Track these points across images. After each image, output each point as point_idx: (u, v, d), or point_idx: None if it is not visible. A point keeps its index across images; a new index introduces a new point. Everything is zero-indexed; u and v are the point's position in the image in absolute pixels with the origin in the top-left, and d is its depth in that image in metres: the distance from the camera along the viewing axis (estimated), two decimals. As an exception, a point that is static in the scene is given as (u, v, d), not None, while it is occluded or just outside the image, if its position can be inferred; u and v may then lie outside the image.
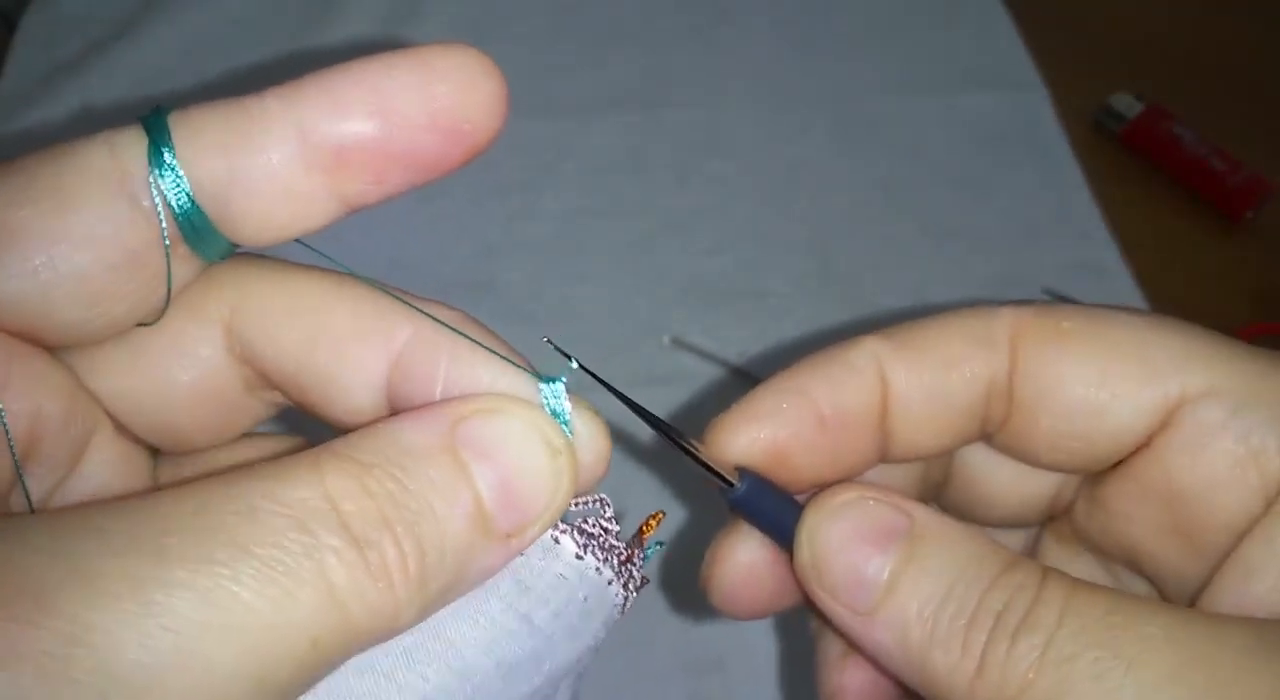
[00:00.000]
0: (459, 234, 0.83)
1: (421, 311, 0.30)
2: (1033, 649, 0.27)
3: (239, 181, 0.27)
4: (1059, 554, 0.37)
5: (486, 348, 0.29)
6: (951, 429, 0.34)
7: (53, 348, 0.29)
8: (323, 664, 0.24)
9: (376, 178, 0.28)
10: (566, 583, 0.30)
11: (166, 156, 0.26)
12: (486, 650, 0.28)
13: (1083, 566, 0.36)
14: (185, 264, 0.28)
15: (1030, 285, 0.81)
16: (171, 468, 0.34)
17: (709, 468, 0.32)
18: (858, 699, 0.37)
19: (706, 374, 0.75)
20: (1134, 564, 0.34)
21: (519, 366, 0.29)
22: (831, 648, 0.37)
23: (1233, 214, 0.86)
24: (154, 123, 0.26)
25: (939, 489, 0.39)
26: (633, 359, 0.76)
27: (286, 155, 0.27)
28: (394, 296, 0.30)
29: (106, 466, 0.31)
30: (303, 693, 0.24)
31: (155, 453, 0.34)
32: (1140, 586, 0.35)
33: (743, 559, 0.35)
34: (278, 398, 0.33)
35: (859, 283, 0.82)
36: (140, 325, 0.29)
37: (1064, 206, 0.86)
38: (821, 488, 0.32)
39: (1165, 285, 0.81)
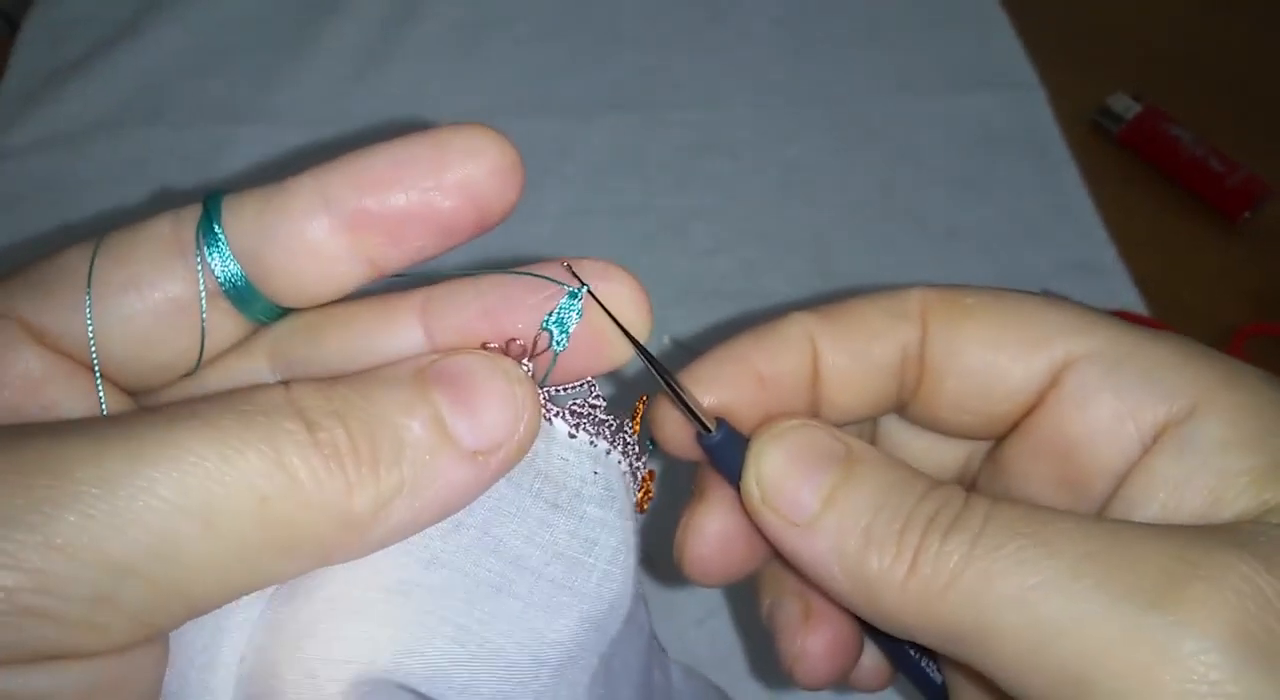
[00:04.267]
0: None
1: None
2: (962, 543, 0.29)
3: (276, 249, 0.31)
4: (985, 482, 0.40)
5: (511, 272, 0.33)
6: (873, 393, 0.38)
7: (126, 390, 0.33)
8: (279, 525, 0.26)
9: (397, 242, 0.31)
10: (570, 463, 0.33)
11: (215, 227, 0.31)
12: (528, 539, 0.31)
13: None
14: (229, 320, 0.32)
15: (1028, 284, 0.81)
16: None
17: (692, 412, 0.35)
18: (821, 660, 0.39)
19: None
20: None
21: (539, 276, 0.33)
22: (791, 614, 0.40)
23: (1230, 214, 0.86)
24: (211, 200, 0.31)
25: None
26: (632, 358, 0.77)
27: (313, 224, 0.31)
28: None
29: None
30: (282, 558, 0.27)
31: None
32: None
33: (712, 525, 0.38)
34: None
35: (858, 282, 0.82)
36: (185, 377, 0.33)
37: (1062, 207, 0.87)
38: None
39: (1163, 285, 0.82)
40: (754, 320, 0.81)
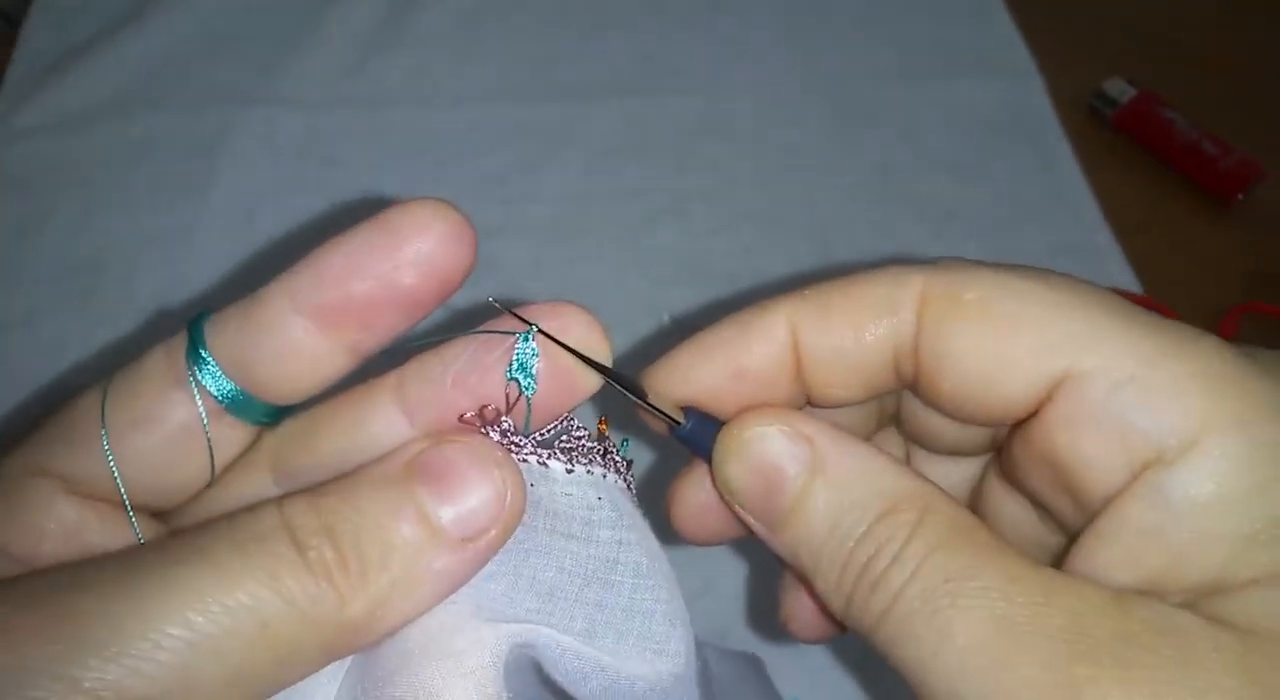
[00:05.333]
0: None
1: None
2: (884, 600, 0.31)
3: (259, 358, 0.33)
4: (996, 488, 0.40)
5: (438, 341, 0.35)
6: (865, 384, 0.36)
7: (155, 513, 0.35)
8: (281, 643, 0.28)
9: (367, 326, 0.33)
10: (574, 497, 0.34)
11: (202, 351, 0.33)
12: (559, 569, 0.33)
13: (1015, 501, 0.39)
14: (235, 429, 0.35)
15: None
16: None
17: (657, 409, 0.36)
18: (811, 620, 0.41)
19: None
20: (1041, 508, 0.37)
21: (492, 332, 0.34)
22: (788, 575, 0.41)
23: (1224, 197, 0.87)
24: (194, 326, 0.34)
25: (894, 419, 0.42)
26: (632, 338, 0.78)
27: (289, 329, 0.33)
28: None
29: None
30: (289, 668, 0.29)
31: None
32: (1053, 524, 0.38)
33: (697, 496, 0.39)
34: None
35: (855, 264, 0.83)
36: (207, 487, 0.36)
37: (1058, 190, 0.88)
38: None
39: (1157, 267, 0.83)
40: (754, 297, 0.82)
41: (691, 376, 0.37)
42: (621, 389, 0.35)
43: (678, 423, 0.36)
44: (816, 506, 0.33)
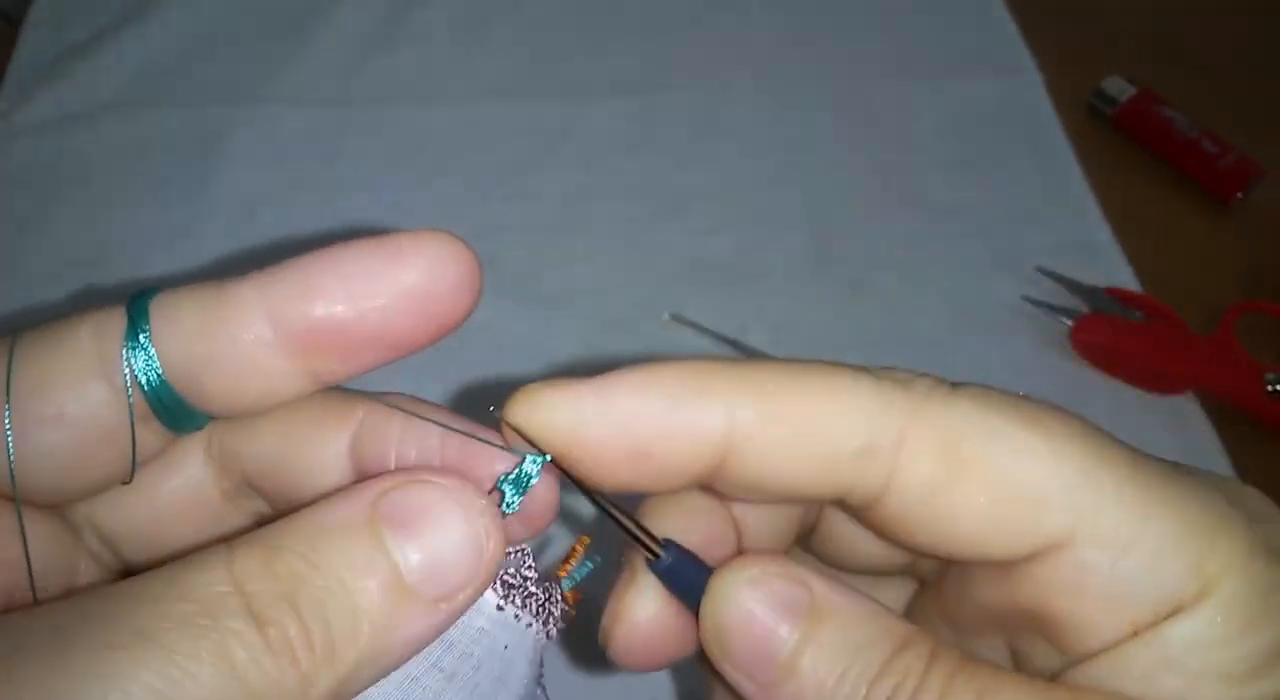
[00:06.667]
0: (459, 214, 0.85)
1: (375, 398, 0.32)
2: None
3: (210, 362, 0.29)
4: (930, 618, 0.37)
5: (439, 423, 0.31)
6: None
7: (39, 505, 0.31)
8: None
9: (343, 357, 0.29)
10: (487, 634, 0.30)
11: (141, 339, 0.28)
12: None
13: (951, 630, 0.37)
14: (158, 437, 0.31)
15: (1024, 264, 0.82)
16: None
17: (639, 539, 0.32)
18: None
19: (705, 350, 0.76)
20: (983, 635, 0.34)
21: (476, 438, 0.31)
22: None
23: (1222, 195, 0.87)
24: (136, 305, 0.29)
25: (809, 534, 0.39)
26: (632, 335, 0.78)
27: (256, 338, 0.28)
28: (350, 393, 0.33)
29: None
30: None
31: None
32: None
33: (643, 615, 0.34)
34: (257, 506, 0.35)
35: (855, 262, 0.83)
36: (121, 484, 0.31)
37: (1057, 188, 0.88)
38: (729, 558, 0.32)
39: (1156, 265, 0.83)
40: (754, 295, 0.81)
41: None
42: (606, 510, 0.32)
43: (657, 555, 0.32)
44: (821, 655, 0.30)
